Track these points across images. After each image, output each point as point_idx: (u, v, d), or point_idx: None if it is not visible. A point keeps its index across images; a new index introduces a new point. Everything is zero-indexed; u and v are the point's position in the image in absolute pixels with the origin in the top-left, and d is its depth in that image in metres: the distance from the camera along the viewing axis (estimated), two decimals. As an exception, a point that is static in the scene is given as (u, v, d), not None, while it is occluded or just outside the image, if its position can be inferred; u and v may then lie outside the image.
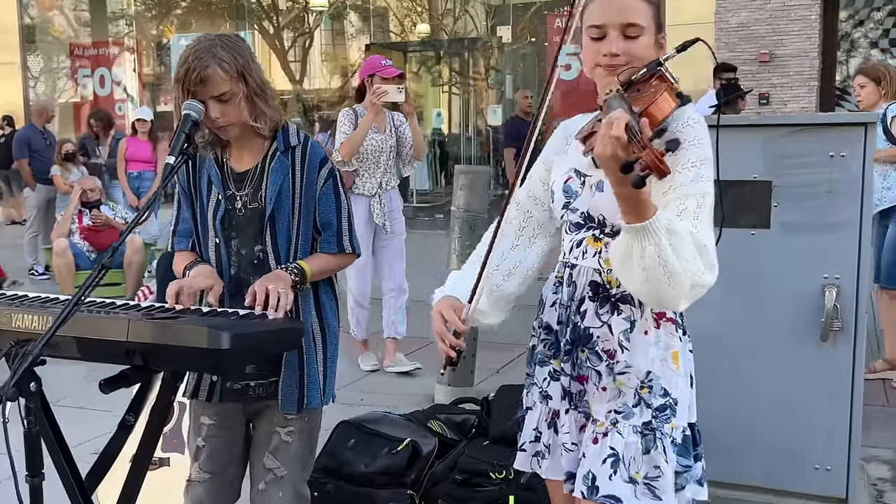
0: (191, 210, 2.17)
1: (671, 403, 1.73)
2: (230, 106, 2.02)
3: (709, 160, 1.67)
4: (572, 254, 1.81)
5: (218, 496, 2.20)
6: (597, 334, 1.75)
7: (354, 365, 4.99)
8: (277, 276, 2.01)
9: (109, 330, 1.79)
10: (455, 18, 17.60)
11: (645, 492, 1.68)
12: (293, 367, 2.11)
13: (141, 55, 16.35)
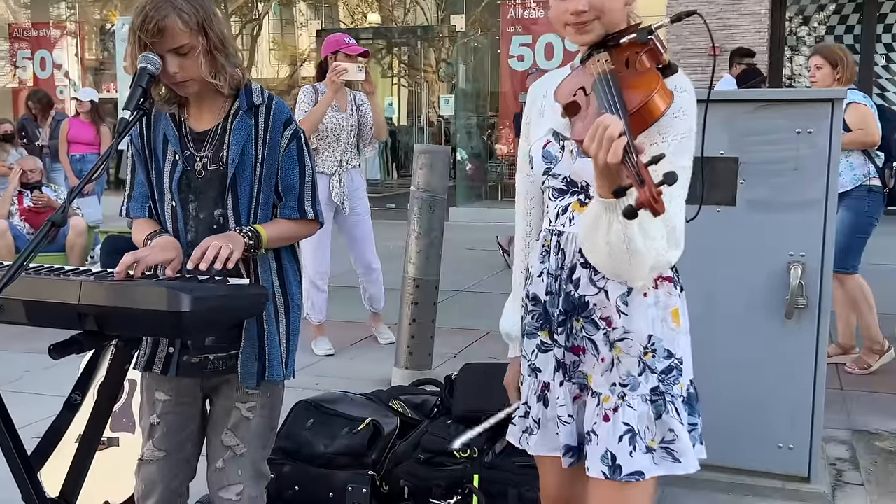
0: (146, 172, 2.04)
1: (676, 364, 1.70)
2: (189, 60, 1.90)
3: (692, 132, 1.62)
4: (558, 221, 1.73)
5: (172, 475, 2.09)
6: (593, 302, 1.67)
7: (308, 349, 4.87)
8: (230, 236, 1.89)
9: (60, 292, 1.67)
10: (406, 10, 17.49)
11: (664, 456, 1.66)
12: (253, 339, 2.00)
13: (84, 39, 15.93)
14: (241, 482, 2.06)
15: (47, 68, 14.83)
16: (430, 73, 17.68)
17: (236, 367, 2.00)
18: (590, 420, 1.70)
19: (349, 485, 2.72)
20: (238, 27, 18.64)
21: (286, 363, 2.06)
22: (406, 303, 4.09)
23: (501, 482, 2.62)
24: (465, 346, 5.05)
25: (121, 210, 2.13)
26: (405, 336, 4.08)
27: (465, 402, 2.86)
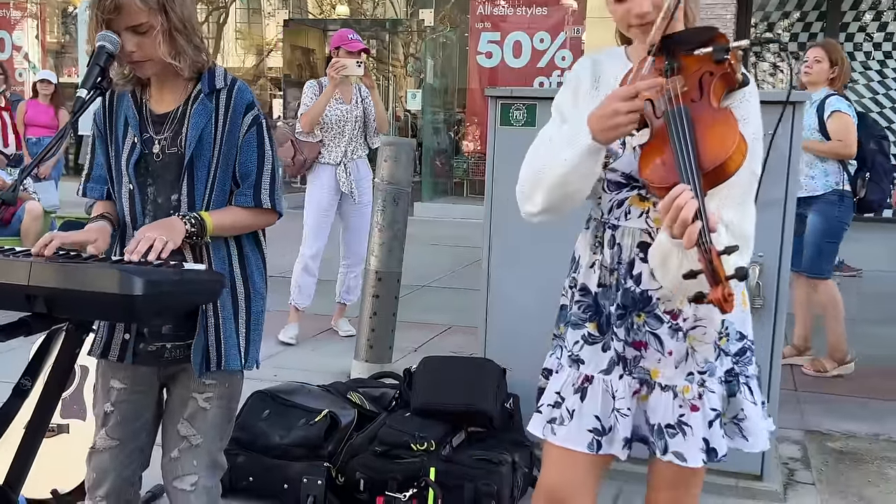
0: (105, 154, 2.00)
1: (749, 345, 1.75)
2: (147, 39, 1.85)
3: (760, 135, 1.65)
4: (612, 214, 1.72)
5: (125, 465, 2.04)
6: (656, 296, 1.68)
7: (268, 340, 4.82)
8: (169, 223, 1.84)
9: (8, 273, 1.62)
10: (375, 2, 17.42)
11: (735, 431, 1.73)
12: (206, 327, 1.95)
13: (44, 22, 15.64)
14: (196, 472, 2.01)
15: (6, 50, 14.53)
16: (397, 68, 17.66)
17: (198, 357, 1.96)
18: (668, 413, 1.71)
19: (304, 476, 2.69)
20: (204, 15, 18.43)
21: (246, 353, 2.02)
22: (367, 295, 4.06)
23: (458, 476, 2.61)
24: (426, 340, 5.04)
25: (77, 189, 2.08)
26: (366, 329, 4.05)
27: (424, 395, 2.84)
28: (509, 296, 3.12)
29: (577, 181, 1.65)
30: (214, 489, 2.07)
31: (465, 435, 2.80)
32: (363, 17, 17.02)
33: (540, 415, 1.80)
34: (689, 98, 1.56)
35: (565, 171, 1.63)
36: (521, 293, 3.07)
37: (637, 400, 1.74)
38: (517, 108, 3.10)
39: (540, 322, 2.18)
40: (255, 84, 18.16)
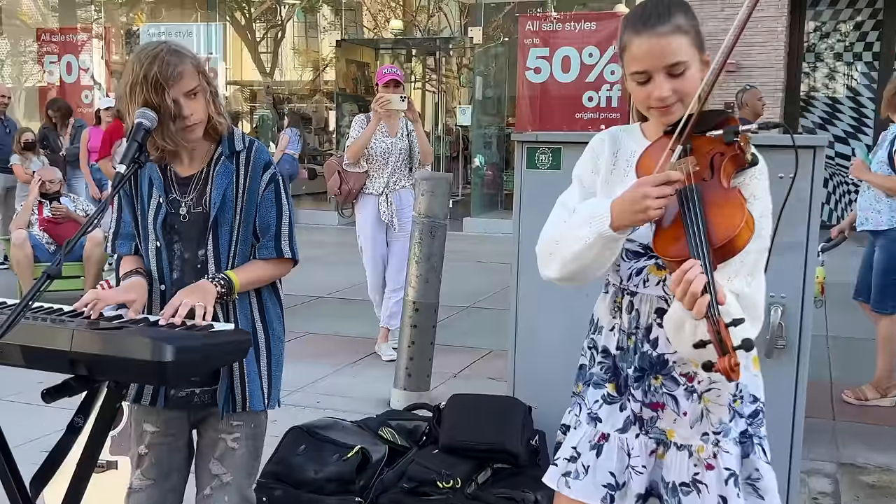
0: (132, 213, 2.16)
1: (761, 407, 1.83)
2: (197, 102, 2.02)
3: (769, 211, 1.74)
4: (631, 281, 1.80)
5: (160, 503, 2.20)
6: (672, 359, 1.76)
7: (312, 367, 4.99)
8: (202, 287, 1.99)
9: (54, 339, 1.78)
10: (429, 15, 17.62)
11: (749, 492, 1.78)
12: (231, 371, 2.10)
13: (109, 43, 16.13)
14: None
15: (73, 72, 15.06)
16: (449, 82, 17.80)
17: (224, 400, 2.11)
18: (682, 472, 1.78)
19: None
20: (262, 32, 18.88)
21: (269, 394, 2.17)
22: (406, 325, 4.20)
23: (482, 513, 2.71)
24: (467, 365, 5.14)
25: (106, 246, 2.25)
26: (404, 358, 4.18)
27: (451, 433, 2.95)
28: (537, 335, 3.21)
29: (593, 260, 1.72)
30: None
31: (490, 472, 2.90)
32: (415, 34, 17.22)
33: (556, 468, 1.89)
34: (700, 177, 1.65)
35: (581, 248, 1.71)
36: (547, 333, 3.16)
37: (654, 458, 1.82)
38: (543, 151, 3.19)
39: (566, 360, 2.25)
40: (311, 99, 18.49)
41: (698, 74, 1.75)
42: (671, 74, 1.72)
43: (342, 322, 6.24)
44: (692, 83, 1.73)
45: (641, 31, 1.74)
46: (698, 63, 1.75)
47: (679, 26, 1.72)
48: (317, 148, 17.10)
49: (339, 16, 18.43)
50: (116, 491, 2.73)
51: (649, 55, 1.72)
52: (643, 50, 1.73)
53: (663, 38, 1.71)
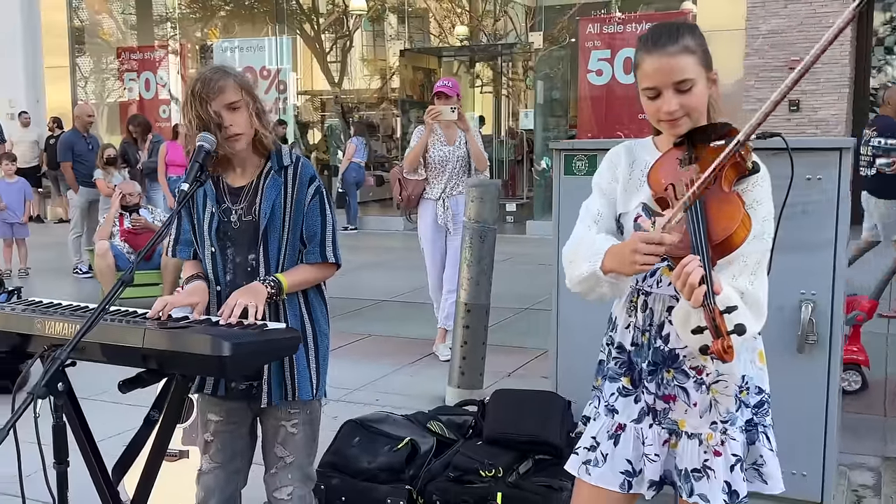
0: (191, 222, 2.42)
1: (766, 398, 1.96)
2: (239, 115, 2.27)
3: (771, 215, 1.89)
4: (646, 282, 1.96)
5: (226, 484, 2.46)
6: (682, 354, 1.92)
7: (373, 367, 5.24)
8: (254, 289, 2.23)
9: (128, 337, 2.04)
10: (495, 20, 17.81)
11: (754, 475, 1.94)
12: (281, 365, 2.33)
13: (185, 58, 16.74)
14: (291, 484, 2.43)
15: (151, 88, 15.72)
16: (513, 87, 17.95)
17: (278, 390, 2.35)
18: (694, 459, 1.93)
19: (389, 497, 3.05)
20: (330, 43, 19.31)
21: (317, 385, 2.40)
22: (458, 326, 4.39)
23: (521, 500, 2.89)
24: (520, 365, 5.31)
25: (166, 250, 2.52)
26: (457, 357, 4.38)
27: (494, 426, 3.14)
28: (576, 335, 3.37)
29: (592, 290, 1.91)
30: (307, 496, 2.48)
31: (531, 463, 3.07)
32: (483, 34, 17.41)
33: (577, 456, 2.06)
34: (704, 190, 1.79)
35: (582, 278, 1.90)
36: (585, 333, 3.29)
37: (668, 447, 1.98)
38: (579, 158, 3.36)
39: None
40: (378, 107, 18.83)
41: (705, 91, 1.92)
42: (679, 90, 1.88)
43: (403, 324, 6.48)
44: (698, 99, 1.90)
45: (652, 50, 1.91)
46: (705, 80, 1.91)
47: (687, 47, 1.89)
48: (384, 155, 17.43)
49: (405, 24, 18.76)
50: (188, 477, 3.00)
51: (659, 72, 1.89)
52: (653, 68, 1.90)
53: (672, 57, 1.88)
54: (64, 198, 13.56)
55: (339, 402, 4.53)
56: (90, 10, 16.94)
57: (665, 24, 1.96)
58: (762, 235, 1.86)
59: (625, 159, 2.05)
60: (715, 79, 1.95)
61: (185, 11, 17.39)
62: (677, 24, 1.94)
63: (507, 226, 12.71)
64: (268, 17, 16.41)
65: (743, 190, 1.88)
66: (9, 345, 2.23)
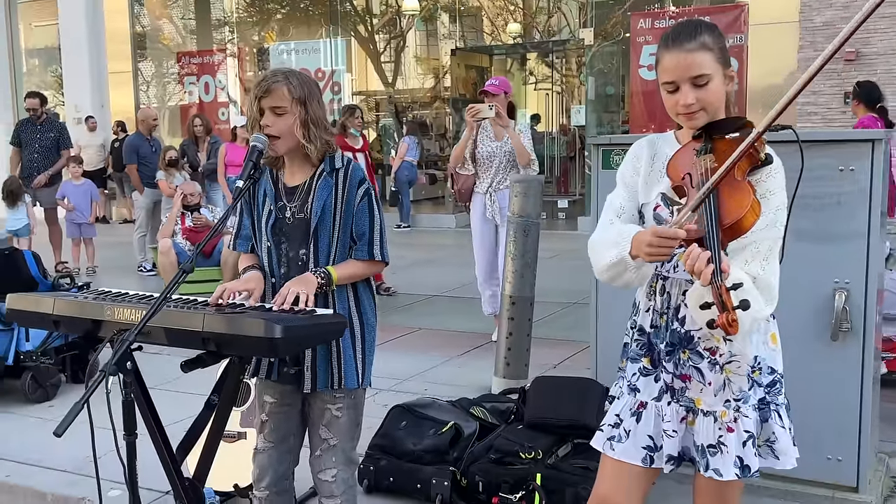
0: (250, 218, 2.61)
1: (778, 378, 2.07)
2: (281, 120, 2.44)
3: (784, 205, 2.00)
4: (664, 267, 2.08)
5: (280, 462, 2.64)
6: (697, 336, 2.03)
7: (423, 359, 5.40)
8: (305, 279, 2.41)
9: (189, 321, 2.23)
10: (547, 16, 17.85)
11: (767, 452, 2.04)
12: (327, 352, 2.50)
13: (242, 61, 17.14)
14: (335, 467, 2.59)
15: (211, 91, 16.13)
16: (566, 83, 17.97)
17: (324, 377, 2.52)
18: (709, 435, 2.05)
19: (434, 478, 3.20)
20: (384, 43, 19.56)
21: (362, 374, 2.56)
22: (504, 318, 4.53)
23: (560, 481, 3.02)
24: (567, 357, 5.42)
25: (229, 244, 2.70)
26: (503, 348, 4.51)
27: (534, 411, 3.27)
28: (613, 326, 3.48)
29: (619, 276, 2.03)
30: (350, 479, 2.64)
31: (570, 446, 3.20)
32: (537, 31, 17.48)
33: (601, 433, 2.20)
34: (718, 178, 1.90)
35: (608, 264, 2.02)
36: (622, 324, 3.42)
37: (685, 424, 2.09)
38: (616, 153, 3.47)
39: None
40: (431, 106, 19.00)
41: (721, 87, 2.03)
42: (696, 85, 2.00)
43: (452, 318, 6.64)
44: (714, 94, 2.01)
45: (671, 47, 2.03)
46: (721, 77, 2.03)
47: (704, 44, 2.01)
48: (436, 154, 17.60)
49: (458, 23, 18.89)
50: (245, 456, 3.20)
51: (677, 68, 2.01)
52: (672, 63, 2.02)
53: (690, 53, 2.00)
54: (128, 199, 14.06)
55: (389, 391, 4.71)
56: (151, 16, 17.43)
57: (685, 23, 2.07)
58: (774, 224, 1.97)
59: (647, 152, 2.17)
60: (732, 76, 2.06)
61: (242, 15, 17.79)
62: (696, 23, 2.05)
63: (559, 222, 12.79)
64: (322, 19, 16.69)
65: (756, 180, 1.99)
66: (83, 330, 2.43)
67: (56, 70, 17.28)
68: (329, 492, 2.59)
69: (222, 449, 2.62)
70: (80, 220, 9.28)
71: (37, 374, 4.86)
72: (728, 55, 2.06)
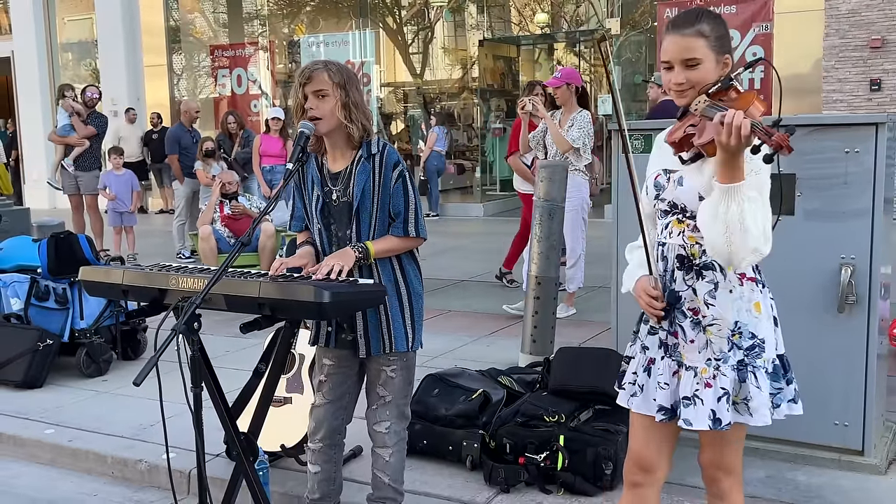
0: (302, 201, 2.87)
1: (759, 343, 2.20)
2: (324, 103, 2.70)
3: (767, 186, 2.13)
4: (662, 234, 2.28)
5: (334, 417, 2.93)
6: (683, 296, 2.22)
7: (453, 338, 5.66)
8: (344, 253, 2.68)
9: (247, 289, 2.49)
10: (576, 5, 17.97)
11: (744, 408, 2.19)
12: (378, 320, 2.76)
13: (273, 54, 17.40)
14: (389, 420, 2.88)
15: (243, 84, 16.46)
16: (592, 73, 18.08)
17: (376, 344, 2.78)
18: (690, 388, 2.24)
19: (464, 440, 3.45)
20: (412, 35, 19.77)
21: (412, 339, 2.82)
22: (529, 297, 4.76)
23: (582, 442, 3.25)
24: (592, 335, 5.64)
25: (287, 225, 2.97)
26: (529, 326, 4.74)
27: (558, 379, 3.51)
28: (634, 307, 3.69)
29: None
30: (402, 432, 2.93)
31: (592, 412, 3.43)
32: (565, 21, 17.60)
33: (623, 390, 2.43)
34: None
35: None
36: (641, 294, 3.65)
37: (677, 379, 2.30)
38: (636, 138, 3.68)
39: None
40: (459, 97, 19.19)
41: (713, 71, 2.20)
42: (687, 66, 2.20)
43: (480, 301, 6.89)
44: (702, 76, 2.19)
45: (671, 31, 2.25)
46: (714, 62, 2.20)
47: (700, 31, 2.20)
48: (465, 144, 17.80)
49: (485, 14, 19.06)
50: (291, 419, 3.48)
51: (673, 50, 2.22)
52: (669, 45, 2.23)
53: (684, 38, 2.20)
54: (166, 189, 14.44)
55: (421, 367, 4.89)
56: (183, 10, 17.77)
57: (688, 10, 2.27)
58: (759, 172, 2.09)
59: (659, 140, 2.40)
60: (728, 63, 2.22)
61: (273, 8, 18.06)
62: (699, 11, 2.24)
63: (586, 210, 12.94)
64: (352, 11, 16.92)
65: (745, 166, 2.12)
66: (149, 298, 2.70)
67: (90, 64, 17.69)
68: (382, 442, 2.87)
69: (270, 412, 2.87)
70: (122, 208, 9.62)
71: (90, 351, 5.17)
72: (727, 43, 2.24)
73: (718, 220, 2.05)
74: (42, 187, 15.27)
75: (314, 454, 2.97)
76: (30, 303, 5.15)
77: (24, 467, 4.10)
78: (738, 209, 2.02)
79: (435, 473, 3.49)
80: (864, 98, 10.83)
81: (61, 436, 4.18)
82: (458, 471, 3.48)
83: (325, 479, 2.99)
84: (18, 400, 4.75)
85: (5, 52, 17.46)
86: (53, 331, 5.11)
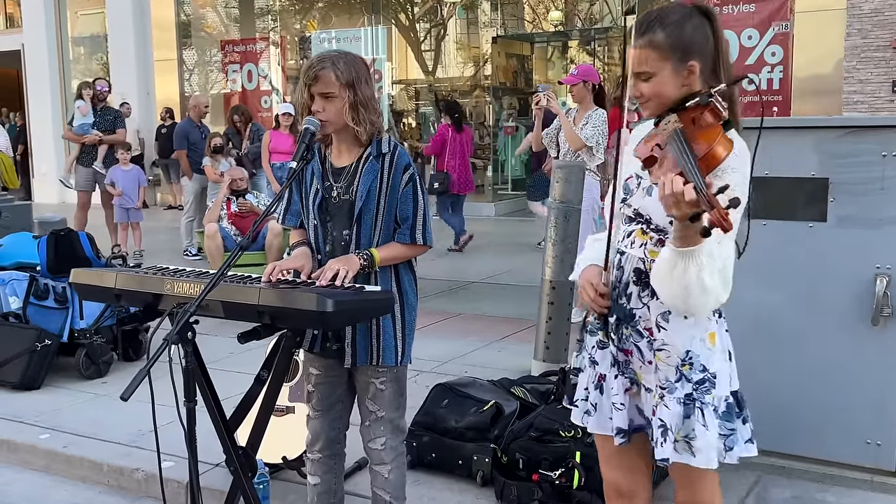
0: (300, 196, 2.70)
1: (710, 377, 2.03)
2: (331, 104, 2.52)
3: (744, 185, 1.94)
4: (623, 242, 2.13)
5: (330, 427, 2.77)
6: (638, 314, 2.07)
7: (462, 343, 5.49)
8: (349, 259, 2.50)
9: (245, 295, 2.32)
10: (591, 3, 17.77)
11: (684, 447, 2.02)
12: (367, 328, 2.59)
13: (284, 49, 17.28)
14: (384, 436, 2.70)
15: (253, 79, 16.33)
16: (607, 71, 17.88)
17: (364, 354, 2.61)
18: (649, 408, 2.11)
19: (475, 455, 3.28)
20: (424, 32, 19.61)
21: (403, 352, 2.64)
22: (543, 302, 4.59)
23: (599, 458, 3.07)
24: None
25: (278, 218, 2.80)
26: (542, 332, 4.58)
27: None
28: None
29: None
30: (399, 446, 2.75)
31: (609, 425, 3.25)
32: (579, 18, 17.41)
33: (577, 408, 2.27)
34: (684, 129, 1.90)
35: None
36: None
37: (629, 396, 2.15)
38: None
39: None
40: (471, 94, 19.02)
41: (670, 81, 2.01)
42: (640, 79, 2.04)
43: (491, 304, 6.72)
44: (656, 88, 2.02)
45: (631, 39, 2.06)
46: (671, 72, 2.00)
47: (651, 41, 2.01)
48: (477, 142, 17.62)
49: (499, 11, 18.87)
50: (293, 430, 3.32)
51: (631, 60, 2.06)
52: (630, 55, 2.06)
53: (635, 49, 2.04)
54: (174, 185, 14.32)
55: (430, 373, 4.80)
56: (195, 4, 17.65)
57: (642, 17, 2.07)
58: None
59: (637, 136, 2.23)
60: (693, 69, 2.01)
61: (284, 4, 17.93)
62: (652, 17, 2.03)
63: (600, 210, 12.75)
64: (364, 7, 16.77)
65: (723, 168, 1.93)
66: (143, 303, 2.54)
67: (101, 58, 17.59)
68: (379, 459, 2.70)
69: (271, 422, 2.71)
70: (128, 204, 9.49)
71: (90, 352, 5.03)
72: (690, 49, 2.00)
73: (675, 282, 1.89)
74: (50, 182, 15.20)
75: (313, 465, 2.81)
76: (28, 301, 5.01)
77: (17, 474, 3.96)
78: (697, 270, 1.85)
79: (443, 488, 3.33)
80: (886, 99, 10.59)
81: (56, 441, 4.05)
82: (468, 486, 3.32)
83: (326, 492, 2.83)
84: (14, 402, 4.61)
85: (16, 46, 17.37)
86: (52, 330, 4.97)
